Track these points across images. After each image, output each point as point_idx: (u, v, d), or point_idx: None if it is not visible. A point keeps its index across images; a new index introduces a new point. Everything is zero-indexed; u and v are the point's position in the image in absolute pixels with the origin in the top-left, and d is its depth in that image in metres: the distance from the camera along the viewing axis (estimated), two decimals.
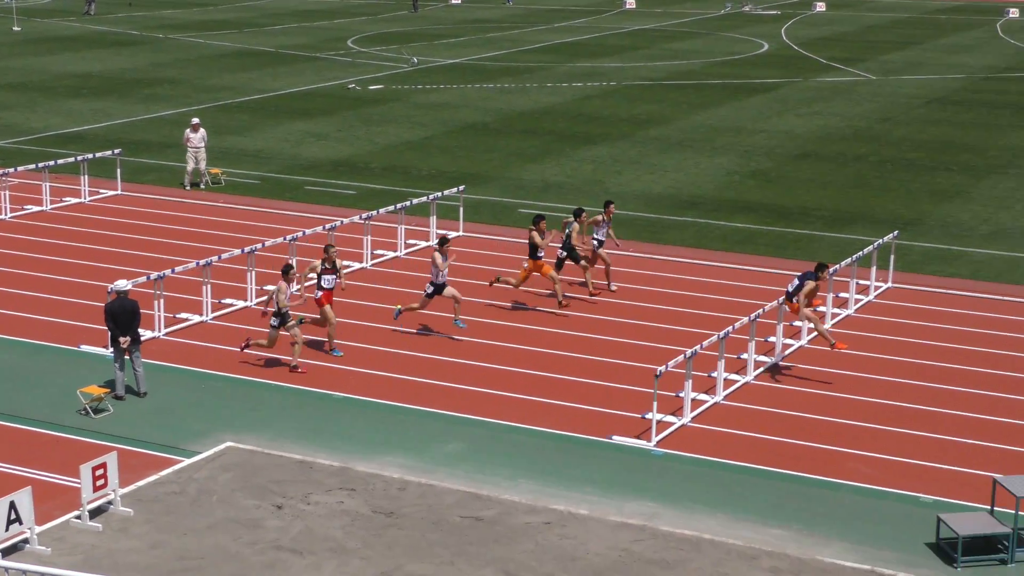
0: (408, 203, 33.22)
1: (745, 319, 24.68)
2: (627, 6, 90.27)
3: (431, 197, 33.73)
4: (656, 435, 21.94)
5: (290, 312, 24.54)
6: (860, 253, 29.07)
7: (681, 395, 22.98)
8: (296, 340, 24.55)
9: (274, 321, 24.46)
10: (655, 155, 43.99)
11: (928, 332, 27.32)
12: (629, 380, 24.42)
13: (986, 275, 31.24)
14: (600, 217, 29.36)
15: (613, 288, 29.52)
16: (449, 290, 26.39)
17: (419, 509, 19.29)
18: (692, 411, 22.94)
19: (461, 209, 34.48)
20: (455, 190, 34.55)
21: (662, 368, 22.08)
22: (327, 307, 25.31)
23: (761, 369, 25.06)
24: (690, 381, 22.83)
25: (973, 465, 21.13)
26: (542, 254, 28.06)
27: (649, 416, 22.25)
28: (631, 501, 19.76)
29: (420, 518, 19.02)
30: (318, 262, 25.53)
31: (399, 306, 26.86)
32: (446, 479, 20.34)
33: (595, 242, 29.22)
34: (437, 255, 26.08)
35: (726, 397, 23.76)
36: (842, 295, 28.85)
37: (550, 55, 67.06)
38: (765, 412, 23.19)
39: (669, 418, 22.65)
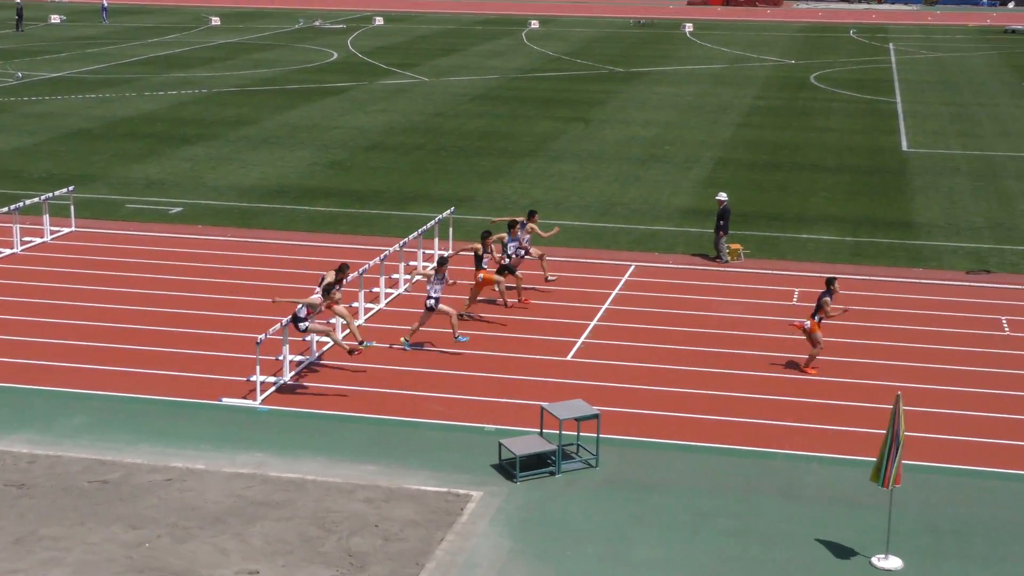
0: (22, 204, 31.25)
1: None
2: (212, 23, 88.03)
3: (43, 197, 31.89)
4: (260, 394, 21.60)
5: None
6: (424, 227, 29.52)
7: (280, 358, 22.69)
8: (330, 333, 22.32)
9: (302, 325, 21.87)
10: (246, 152, 43.16)
11: (492, 292, 27.99)
12: (234, 348, 23.91)
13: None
14: (530, 226, 27.79)
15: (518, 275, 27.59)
16: (443, 307, 24.11)
17: (49, 479, 18.24)
18: (290, 371, 22.70)
19: (72, 207, 32.75)
20: (65, 190, 32.79)
21: (262, 336, 21.72)
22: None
23: (347, 331, 25.02)
24: (287, 345, 22.57)
25: (524, 397, 21.88)
26: (485, 264, 26.12)
27: (253, 379, 21.88)
28: (242, 453, 19.37)
29: (50, 487, 17.98)
30: (331, 273, 23.45)
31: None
32: (72, 449, 19.32)
33: (522, 250, 27.43)
34: (430, 271, 24.03)
35: (319, 357, 23.64)
36: (411, 263, 29.20)
37: (146, 67, 64.56)
38: (352, 367, 23.20)
39: (271, 379, 22.34)
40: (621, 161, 42.33)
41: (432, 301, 23.89)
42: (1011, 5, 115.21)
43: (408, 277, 28.39)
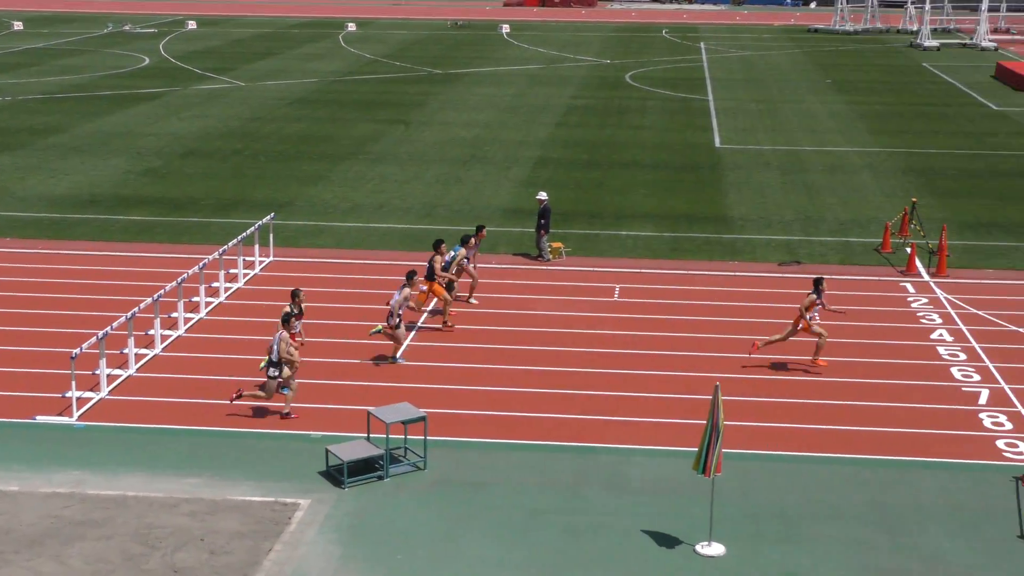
0: None
1: (150, 299, 24.02)
2: (15, 27, 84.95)
3: None
4: (77, 410, 20.95)
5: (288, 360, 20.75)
6: (244, 234, 29.06)
7: (97, 372, 22.04)
8: (291, 387, 20.90)
9: (273, 372, 20.58)
10: (55, 161, 41.78)
11: (315, 296, 27.71)
12: (48, 364, 23.13)
13: (347, 244, 32.16)
14: (473, 240, 27.08)
15: (472, 301, 27.20)
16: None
17: None
18: (109, 385, 22.07)
19: None
20: None
21: (77, 350, 21.06)
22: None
23: (167, 342, 24.49)
24: (104, 359, 21.94)
25: (349, 402, 21.73)
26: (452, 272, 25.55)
27: (69, 395, 21.20)
28: (58, 472, 18.75)
29: None
30: (288, 306, 22.51)
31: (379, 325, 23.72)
32: None
33: (465, 260, 26.69)
34: (406, 289, 23.17)
35: (138, 370, 23.05)
36: (232, 271, 28.73)
37: None
38: (174, 379, 22.70)
39: (88, 394, 21.68)
40: (442, 162, 42.42)
41: (397, 319, 23.48)
42: (813, 5, 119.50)
43: (229, 285, 27.93)
